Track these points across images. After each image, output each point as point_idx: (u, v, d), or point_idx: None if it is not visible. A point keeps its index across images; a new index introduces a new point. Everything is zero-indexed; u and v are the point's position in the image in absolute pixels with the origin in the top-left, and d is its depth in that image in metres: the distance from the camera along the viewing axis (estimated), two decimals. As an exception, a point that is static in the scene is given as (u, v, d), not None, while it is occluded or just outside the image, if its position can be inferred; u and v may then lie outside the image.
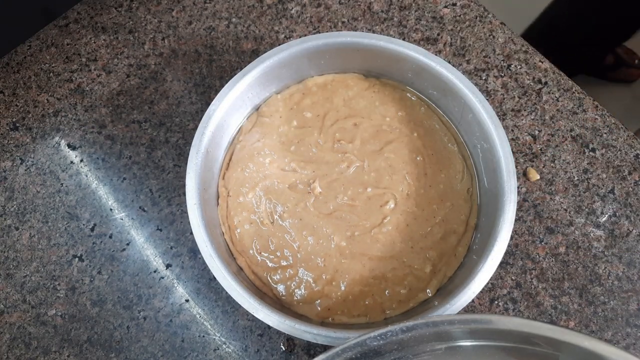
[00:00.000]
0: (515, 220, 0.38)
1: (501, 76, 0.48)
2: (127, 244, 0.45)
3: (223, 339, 0.42)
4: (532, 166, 0.45)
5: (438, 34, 0.50)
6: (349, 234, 0.41)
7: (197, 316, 0.43)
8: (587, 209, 0.44)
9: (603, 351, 0.26)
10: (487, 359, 0.29)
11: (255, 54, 0.50)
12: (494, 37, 0.50)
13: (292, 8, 0.52)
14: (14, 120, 0.49)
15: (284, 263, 0.40)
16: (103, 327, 0.43)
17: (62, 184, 0.47)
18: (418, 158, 0.43)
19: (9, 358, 0.42)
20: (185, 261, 0.44)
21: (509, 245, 0.38)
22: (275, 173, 0.43)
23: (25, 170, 0.48)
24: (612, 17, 0.87)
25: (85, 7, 0.53)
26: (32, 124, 0.49)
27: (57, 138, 0.49)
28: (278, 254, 0.41)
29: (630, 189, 0.44)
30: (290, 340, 0.42)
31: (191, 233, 0.44)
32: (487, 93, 0.48)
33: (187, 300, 0.43)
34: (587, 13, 0.88)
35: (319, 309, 0.39)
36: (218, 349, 0.42)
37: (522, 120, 0.47)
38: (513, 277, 0.43)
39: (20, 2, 0.49)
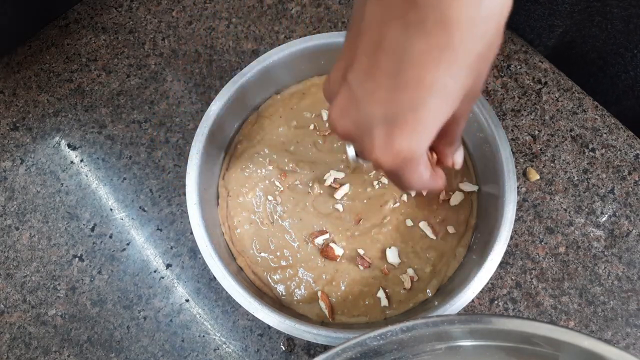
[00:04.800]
0: (515, 220, 0.38)
1: (501, 76, 0.48)
2: (127, 244, 0.45)
3: (223, 339, 0.42)
4: (532, 166, 0.45)
5: (438, 34, 0.50)
6: (349, 234, 0.41)
7: (197, 316, 0.43)
8: (586, 209, 0.44)
9: (603, 351, 0.26)
10: (487, 358, 0.29)
11: (255, 54, 0.50)
12: (493, 37, 0.50)
13: (292, 8, 0.52)
14: (14, 120, 0.49)
15: (283, 263, 0.41)
16: (103, 327, 0.43)
17: (62, 184, 0.47)
18: (418, 158, 0.43)
19: (9, 358, 0.42)
20: (185, 261, 0.44)
21: (508, 245, 0.38)
22: (275, 173, 0.43)
23: (26, 170, 0.48)
24: None
25: (85, 7, 0.53)
26: (32, 124, 0.49)
27: (57, 138, 0.49)
28: (278, 254, 0.41)
29: (630, 188, 0.44)
30: (290, 340, 0.42)
31: (191, 233, 0.44)
32: (487, 93, 0.48)
33: (187, 300, 0.43)
34: None
35: (319, 308, 0.39)
36: (218, 349, 0.42)
37: (522, 120, 0.47)
38: (513, 277, 0.43)
39: (21, 2, 0.49)
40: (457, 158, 0.33)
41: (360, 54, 0.24)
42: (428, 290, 0.40)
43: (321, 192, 0.42)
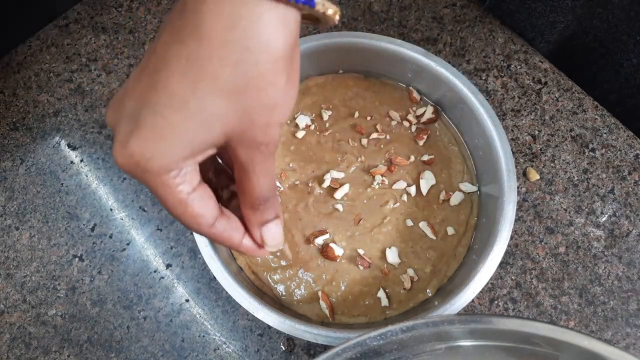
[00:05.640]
0: (515, 220, 0.38)
1: (501, 76, 0.48)
2: (127, 244, 0.45)
3: (223, 339, 0.42)
4: (532, 166, 0.45)
5: (438, 34, 0.50)
6: (349, 234, 0.41)
7: (197, 316, 0.43)
8: (587, 209, 0.44)
9: (603, 351, 0.26)
10: (487, 358, 0.29)
11: (255, 54, 0.50)
12: (494, 37, 0.50)
13: (292, 8, 0.52)
14: (14, 120, 0.49)
15: (283, 263, 0.41)
16: (103, 327, 0.43)
17: (62, 184, 0.47)
18: (418, 158, 0.43)
19: (9, 358, 0.42)
20: (185, 261, 0.44)
21: (508, 245, 0.38)
22: (275, 173, 0.43)
23: (26, 170, 0.48)
24: None
25: (85, 7, 0.53)
26: (32, 124, 0.49)
27: (57, 138, 0.49)
28: (278, 253, 0.41)
29: (630, 188, 0.44)
30: (290, 340, 0.42)
31: (191, 233, 0.44)
32: (487, 93, 0.48)
33: (187, 300, 0.43)
34: None
35: (319, 308, 0.39)
36: (218, 349, 0.42)
37: (522, 120, 0.47)
38: (513, 277, 0.43)
39: (20, 2, 0.49)
40: (266, 234, 0.27)
41: (145, 53, 0.24)
42: (428, 290, 0.40)
43: (321, 192, 0.42)
